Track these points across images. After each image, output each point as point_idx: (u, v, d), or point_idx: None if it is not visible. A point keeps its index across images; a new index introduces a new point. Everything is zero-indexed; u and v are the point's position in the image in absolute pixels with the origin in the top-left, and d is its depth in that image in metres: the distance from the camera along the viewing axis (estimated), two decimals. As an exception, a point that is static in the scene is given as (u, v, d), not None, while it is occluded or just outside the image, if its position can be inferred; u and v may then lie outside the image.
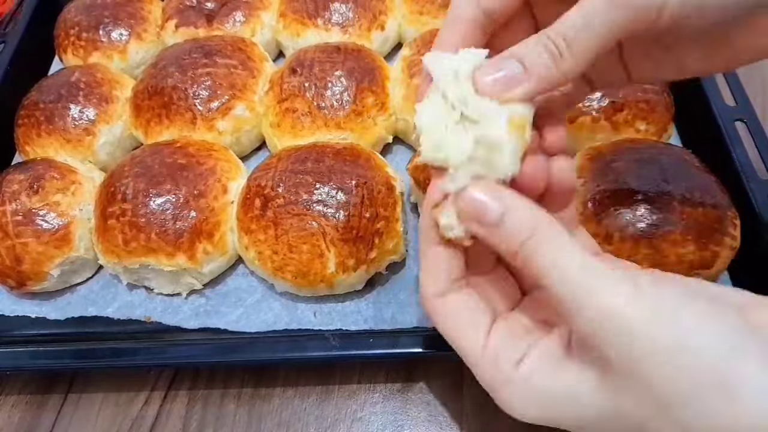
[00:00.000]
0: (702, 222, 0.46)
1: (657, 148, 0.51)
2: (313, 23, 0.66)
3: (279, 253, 0.49)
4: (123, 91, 0.64)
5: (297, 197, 0.49)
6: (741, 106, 0.56)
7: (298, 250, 0.48)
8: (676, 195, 0.47)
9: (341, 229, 0.48)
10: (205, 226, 0.51)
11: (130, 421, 0.49)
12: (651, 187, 0.47)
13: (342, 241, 0.48)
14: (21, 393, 0.52)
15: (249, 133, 0.61)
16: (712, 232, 0.46)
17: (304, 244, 0.48)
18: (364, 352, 0.47)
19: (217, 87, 0.59)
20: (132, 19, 0.70)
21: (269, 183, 0.51)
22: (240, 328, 0.51)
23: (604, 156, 0.51)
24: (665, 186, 0.47)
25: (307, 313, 0.51)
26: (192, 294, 0.53)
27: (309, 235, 0.48)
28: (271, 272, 0.50)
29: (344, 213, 0.49)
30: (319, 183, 0.50)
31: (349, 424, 0.48)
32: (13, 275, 0.52)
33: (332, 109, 0.57)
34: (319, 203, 0.49)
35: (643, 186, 0.47)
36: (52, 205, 0.53)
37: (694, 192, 0.47)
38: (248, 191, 0.52)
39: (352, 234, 0.48)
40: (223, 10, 0.69)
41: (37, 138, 0.60)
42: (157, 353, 0.49)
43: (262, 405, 0.49)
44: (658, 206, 0.46)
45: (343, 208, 0.49)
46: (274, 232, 0.49)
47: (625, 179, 0.48)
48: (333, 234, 0.48)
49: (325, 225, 0.48)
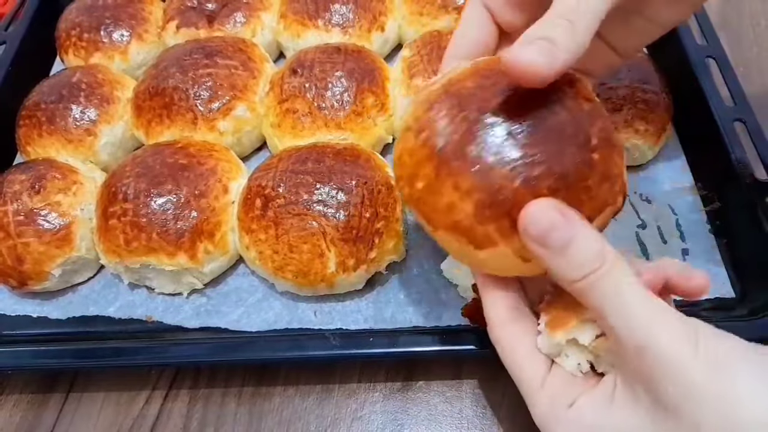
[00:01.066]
0: None
1: None
2: (314, 24, 0.66)
3: (279, 253, 0.49)
4: (124, 92, 0.64)
5: (297, 197, 0.49)
6: (739, 106, 0.56)
7: (298, 250, 0.48)
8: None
9: (341, 228, 0.49)
10: (206, 226, 0.51)
11: (131, 421, 0.50)
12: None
13: (342, 240, 0.48)
14: (22, 392, 0.52)
15: (250, 134, 0.61)
16: None
17: (304, 244, 0.48)
18: (364, 351, 0.47)
19: (218, 87, 0.60)
20: (133, 19, 0.70)
21: (270, 183, 0.51)
22: (241, 327, 0.51)
23: None
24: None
25: (307, 312, 0.51)
26: (193, 293, 0.53)
27: (309, 234, 0.48)
28: (271, 272, 0.50)
29: (344, 213, 0.49)
30: (320, 183, 0.50)
31: (350, 422, 0.48)
32: (14, 275, 0.52)
33: (332, 110, 0.58)
34: (320, 203, 0.49)
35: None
36: (54, 205, 0.53)
37: None
38: (249, 191, 0.52)
39: (353, 234, 0.49)
40: (224, 11, 0.69)
41: (39, 138, 0.60)
42: (159, 352, 0.49)
43: (262, 404, 0.50)
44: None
45: (343, 208, 0.49)
46: (274, 232, 0.49)
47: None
48: (333, 234, 0.48)
49: (326, 225, 0.49)
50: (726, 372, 0.28)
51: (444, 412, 0.48)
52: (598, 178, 0.32)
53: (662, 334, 0.28)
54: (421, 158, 0.33)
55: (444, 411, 0.48)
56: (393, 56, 0.70)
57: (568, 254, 0.30)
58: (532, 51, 0.29)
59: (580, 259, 0.30)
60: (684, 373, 0.28)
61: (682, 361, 0.28)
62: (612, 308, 0.30)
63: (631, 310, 0.29)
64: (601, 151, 0.32)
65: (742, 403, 0.27)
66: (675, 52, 0.61)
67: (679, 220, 0.54)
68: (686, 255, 0.52)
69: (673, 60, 0.61)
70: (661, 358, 0.28)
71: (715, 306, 0.49)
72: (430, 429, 0.47)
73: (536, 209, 0.30)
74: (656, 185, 0.57)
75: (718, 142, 0.54)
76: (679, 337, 0.28)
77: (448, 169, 0.32)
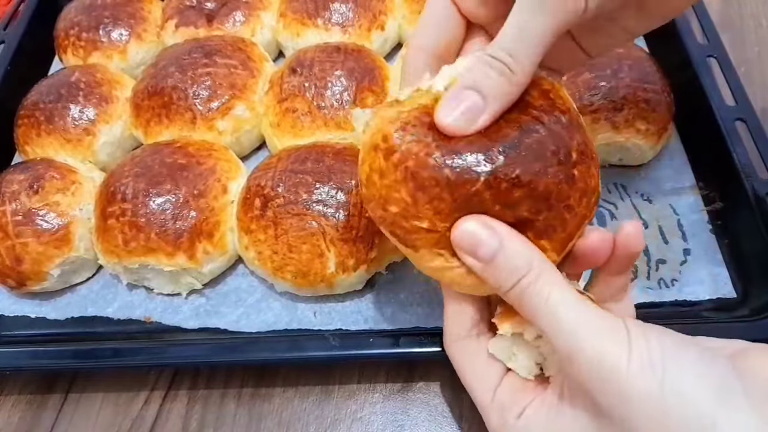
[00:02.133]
0: None
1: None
2: (313, 23, 0.66)
3: (279, 253, 0.49)
4: (123, 91, 0.64)
5: (297, 197, 0.49)
6: (741, 106, 0.56)
7: (297, 250, 0.48)
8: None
9: (341, 228, 0.48)
10: (205, 226, 0.51)
11: (130, 421, 0.49)
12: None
13: (342, 240, 0.48)
14: (21, 393, 0.52)
15: (249, 133, 0.61)
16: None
17: (303, 244, 0.48)
18: (364, 351, 0.47)
19: (217, 87, 0.59)
20: (132, 19, 0.70)
21: (269, 183, 0.51)
22: (240, 328, 0.51)
23: None
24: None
25: (307, 312, 0.51)
26: (192, 294, 0.53)
27: (309, 234, 0.48)
28: (270, 272, 0.50)
29: (344, 213, 0.49)
30: (319, 183, 0.50)
31: (349, 423, 0.48)
32: (13, 275, 0.52)
33: (332, 109, 0.57)
34: (319, 203, 0.49)
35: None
36: (52, 205, 0.53)
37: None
38: (248, 191, 0.52)
39: (352, 234, 0.48)
40: (223, 10, 0.69)
41: (37, 138, 0.60)
42: (157, 353, 0.49)
43: (262, 405, 0.49)
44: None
45: (342, 207, 0.49)
46: (273, 232, 0.49)
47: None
48: (333, 234, 0.48)
49: (325, 225, 0.48)
50: (656, 371, 0.28)
51: (444, 413, 0.48)
52: (579, 194, 0.32)
53: (590, 338, 0.29)
54: (394, 182, 0.32)
55: (444, 412, 0.48)
56: (393, 55, 0.69)
57: (497, 264, 0.31)
58: (455, 114, 0.31)
59: (509, 267, 0.31)
60: (614, 376, 0.28)
61: (611, 364, 0.28)
62: (542, 315, 0.30)
63: (560, 316, 0.30)
64: (580, 167, 0.32)
65: (667, 402, 0.27)
66: (676, 51, 0.61)
67: (680, 220, 0.54)
68: (688, 255, 0.52)
69: (674, 59, 0.61)
70: (590, 363, 0.29)
71: (716, 306, 0.49)
72: (431, 430, 0.47)
73: (465, 225, 0.31)
74: (657, 185, 0.57)
75: (720, 142, 0.54)
76: (608, 341, 0.29)
77: (424, 194, 0.31)
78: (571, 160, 0.32)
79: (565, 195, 0.32)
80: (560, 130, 0.32)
